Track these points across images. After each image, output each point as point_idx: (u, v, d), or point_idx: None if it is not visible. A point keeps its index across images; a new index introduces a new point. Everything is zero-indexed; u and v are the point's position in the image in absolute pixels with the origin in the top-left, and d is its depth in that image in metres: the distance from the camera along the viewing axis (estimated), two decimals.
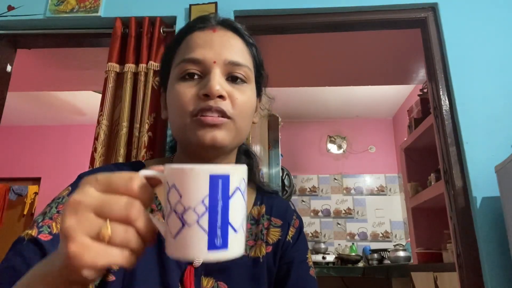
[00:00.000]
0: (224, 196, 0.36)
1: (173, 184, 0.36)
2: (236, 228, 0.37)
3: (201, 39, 0.62)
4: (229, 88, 0.60)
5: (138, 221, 0.34)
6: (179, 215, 0.35)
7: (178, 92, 0.61)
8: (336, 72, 2.84)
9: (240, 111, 0.61)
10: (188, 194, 0.35)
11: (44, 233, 0.51)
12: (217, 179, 0.35)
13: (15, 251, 0.49)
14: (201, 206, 0.35)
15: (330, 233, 4.30)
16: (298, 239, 0.71)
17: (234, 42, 0.64)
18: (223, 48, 0.61)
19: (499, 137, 1.54)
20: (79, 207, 0.33)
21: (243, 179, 0.38)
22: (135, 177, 0.36)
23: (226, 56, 0.61)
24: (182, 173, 0.36)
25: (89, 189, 0.35)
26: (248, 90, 0.63)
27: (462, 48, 1.69)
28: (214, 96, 0.58)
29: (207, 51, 0.61)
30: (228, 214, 0.36)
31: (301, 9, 1.81)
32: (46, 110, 4.51)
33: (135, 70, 1.69)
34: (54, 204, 0.56)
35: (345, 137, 4.64)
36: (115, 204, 0.34)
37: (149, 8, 1.83)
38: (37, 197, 4.61)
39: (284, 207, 0.73)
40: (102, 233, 0.32)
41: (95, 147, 1.57)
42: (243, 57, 0.63)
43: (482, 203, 1.46)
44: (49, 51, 2.45)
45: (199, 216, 0.35)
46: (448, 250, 2.14)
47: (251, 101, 0.64)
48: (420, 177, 2.74)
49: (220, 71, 0.60)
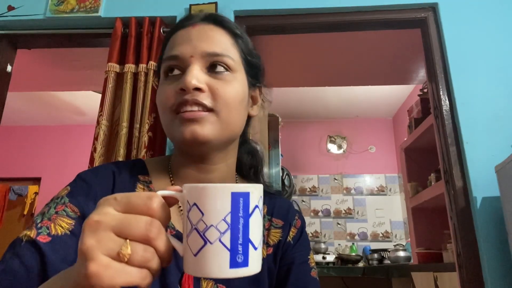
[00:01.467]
0: (245, 214, 0.36)
1: (194, 202, 0.36)
2: (256, 245, 0.37)
3: (181, 37, 0.62)
4: (208, 79, 0.59)
5: (158, 240, 0.34)
6: (200, 233, 0.36)
7: (160, 89, 0.61)
8: (336, 72, 2.84)
9: (224, 102, 0.58)
10: (210, 212, 0.36)
11: (43, 235, 0.50)
12: (239, 197, 0.36)
13: (12, 253, 0.49)
14: (223, 223, 0.35)
15: (330, 233, 4.30)
16: (300, 239, 0.69)
17: (213, 33, 0.62)
18: (200, 41, 0.60)
19: (499, 137, 1.54)
20: (99, 227, 0.33)
21: (260, 197, 0.38)
22: (154, 197, 0.36)
23: (203, 48, 0.60)
24: (204, 191, 0.36)
25: (108, 209, 0.35)
26: (233, 79, 0.61)
27: (462, 48, 1.69)
28: (190, 90, 0.57)
29: (184, 47, 0.60)
30: (248, 231, 0.36)
31: (301, 9, 1.81)
32: (46, 110, 4.51)
33: (135, 70, 1.69)
34: (52, 204, 0.55)
35: (345, 137, 4.64)
36: (135, 224, 0.34)
37: (149, 8, 1.83)
38: (37, 197, 4.61)
39: (286, 208, 0.71)
40: (122, 252, 0.32)
41: (95, 147, 1.57)
42: (222, 48, 0.61)
43: (482, 203, 1.46)
44: (49, 51, 2.45)
45: (221, 234, 0.35)
46: (448, 250, 2.14)
47: (236, 91, 0.61)
48: (420, 177, 2.74)
49: (200, 64, 0.59)
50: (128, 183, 0.61)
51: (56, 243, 0.50)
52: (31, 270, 0.47)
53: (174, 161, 0.67)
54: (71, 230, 0.52)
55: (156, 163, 0.68)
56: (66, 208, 0.54)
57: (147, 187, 0.62)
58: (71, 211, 0.54)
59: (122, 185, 0.61)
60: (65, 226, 0.52)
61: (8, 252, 0.49)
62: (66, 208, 0.54)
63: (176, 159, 0.66)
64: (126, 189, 0.60)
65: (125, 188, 0.61)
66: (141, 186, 0.62)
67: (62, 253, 0.50)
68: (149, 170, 0.65)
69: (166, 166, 0.67)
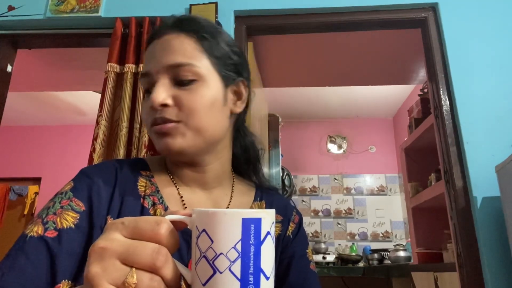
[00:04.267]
0: (256, 241, 0.35)
1: (204, 229, 0.35)
2: (268, 275, 0.35)
3: (148, 53, 0.64)
4: (174, 92, 0.60)
5: (164, 268, 0.33)
6: (210, 261, 0.34)
7: (142, 106, 0.64)
8: (336, 72, 2.84)
9: (190, 111, 0.59)
10: (220, 239, 0.34)
11: (50, 230, 0.51)
12: (250, 223, 0.34)
13: (19, 249, 0.49)
14: (234, 251, 0.34)
15: (330, 233, 4.30)
16: (298, 234, 0.70)
17: (175, 42, 0.61)
18: (162, 54, 0.61)
19: (499, 137, 1.54)
20: (105, 254, 0.33)
21: (273, 223, 0.37)
22: (162, 222, 0.35)
23: (165, 62, 0.60)
24: (213, 217, 0.35)
25: (115, 234, 0.34)
26: (199, 87, 0.60)
27: (462, 48, 1.69)
28: (156, 108, 0.59)
29: (151, 63, 0.61)
30: (260, 260, 0.34)
31: (301, 9, 1.81)
32: (46, 110, 4.51)
33: (135, 70, 1.69)
34: (57, 199, 0.56)
35: (345, 137, 4.64)
36: (141, 251, 0.33)
37: (149, 8, 1.83)
38: (37, 197, 4.61)
39: (284, 204, 0.73)
40: (128, 281, 0.32)
41: (94, 147, 1.57)
42: (186, 55, 0.60)
43: (482, 203, 1.46)
44: (49, 51, 2.45)
45: (232, 262, 0.34)
46: (448, 250, 2.14)
47: (205, 98, 0.60)
48: (420, 177, 2.74)
49: (166, 78, 0.60)
50: (130, 178, 0.62)
51: (62, 237, 0.51)
52: (38, 266, 0.48)
53: (169, 162, 0.68)
54: (76, 224, 0.53)
55: (156, 161, 0.69)
56: (71, 202, 0.55)
57: (149, 181, 0.64)
58: (76, 205, 0.55)
59: (124, 180, 0.61)
60: (70, 220, 0.53)
61: (13, 249, 0.50)
62: (71, 203, 0.55)
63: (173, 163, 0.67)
64: (128, 183, 0.61)
65: (128, 182, 0.61)
66: (143, 180, 0.63)
67: (67, 246, 0.51)
68: (150, 167, 0.67)
69: (164, 165, 0.69)
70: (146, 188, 0.62)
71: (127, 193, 0.60)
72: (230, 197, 0.68)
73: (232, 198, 0.68)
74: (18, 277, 0.47)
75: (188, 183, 0.66)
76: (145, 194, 0.61)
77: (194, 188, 0.66)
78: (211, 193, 0.67)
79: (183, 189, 0.65)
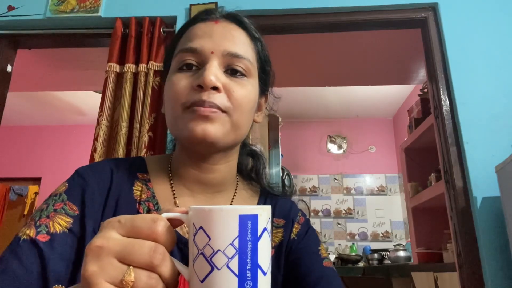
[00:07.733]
0: (253, 237, 0.35)
1: (201, 226, 0.35)
2: (265, 270, 0.36)
3: (201, 30, 0.60)
4: (225, 80, 0.57)
5: (162, 266, 0.33)
6: (207, 258, 0.34)
7: (173, 82, 0.58)
8: (336, 72, 2.84)
9: (238, 105, 0.57)
10: (217, 236, 0.34)
11: (42, 234, 0.50)
12: (247, 220, 0.35)
13: (12, 252, 0.49)
14: (231, 248, 0.34)
15: (330, 233, 4.30)
16: (306, 234, 0.66)
17: (236, 33, 0.60)
18: (223, 38, 0.58)
19: (499, 137, 1.54)
20: (102, 253, 0.32)
21: (269, 219, 0.37)
22: (159, 220, 0.35)
23: (226, 47, 0.58)
24: (210, 214, 0.35)
25: (111, 233, 0.34)
26: (248, 84, 0.59)
27: (462, 48, 1.69)
28: (208, 88, 0.54)
29: (206, 41, 0.58)
30: (257, 256, 0.35)
31: (301, 9, 1.81)
32: (47, 110, 4.51)
33: (135, 70, 1.69)
34: (51, 201, 0.55)
35: (345, 137, 4.64)
36: (139, 249, 0.33)
37: (149, 8, 1.83)
38: (37, 197, 4.61)
39: (288, 206, 0.70)
40: (125, 279, 0.32)
41: (95, 147, 1.57)
42: (244, 50, 0.59)
43: (482, 203, 1.46)
44: (49, 51, 2.45)
45: (229, 259, 0.34)
46: (448, 250, 2.14)
47: (251, 96, 0.60)
48: (420, 177, 2.74)
49: (218, 62, 0.57)
50: (126, 181, 0.61)
51: (55, 241, 0.50)
52: (30, 270, 0.47)
53: (175, 159, 0.65)
54: (69, 228, 0.52)
55: (156, 161, 0.67)
56: (65, 206, 0.54)
57: (145, 185, 0.61)
58: (70, 209, 0.54)
59: (120, 183, 0.60)
60: (63, 224, 0.52)
61: (7, 252, 0.49)
62: (64, 206, 0.54)
63: (177, 157, 0.65)
64: (123, 187, 0.60)
65: (123, 186, 0.60)
66: (139, 184, 0.61)
67: (60, 250, 0.50)
68: (148, 168, 0.65)
69: (166, 165, 0.66)
70: (142, 193, 0.60)
71: (122, 197, 0.58)
72: (231, 203, 0.66)
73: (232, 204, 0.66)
74: (11, 281, 0.46)
75: (190, 186, 0.63)
76: (141, 200, 0.59)
77: (195, 192, 0.63)
78: (213, 198, 0.64)
79: (183, 193, 0.62)
